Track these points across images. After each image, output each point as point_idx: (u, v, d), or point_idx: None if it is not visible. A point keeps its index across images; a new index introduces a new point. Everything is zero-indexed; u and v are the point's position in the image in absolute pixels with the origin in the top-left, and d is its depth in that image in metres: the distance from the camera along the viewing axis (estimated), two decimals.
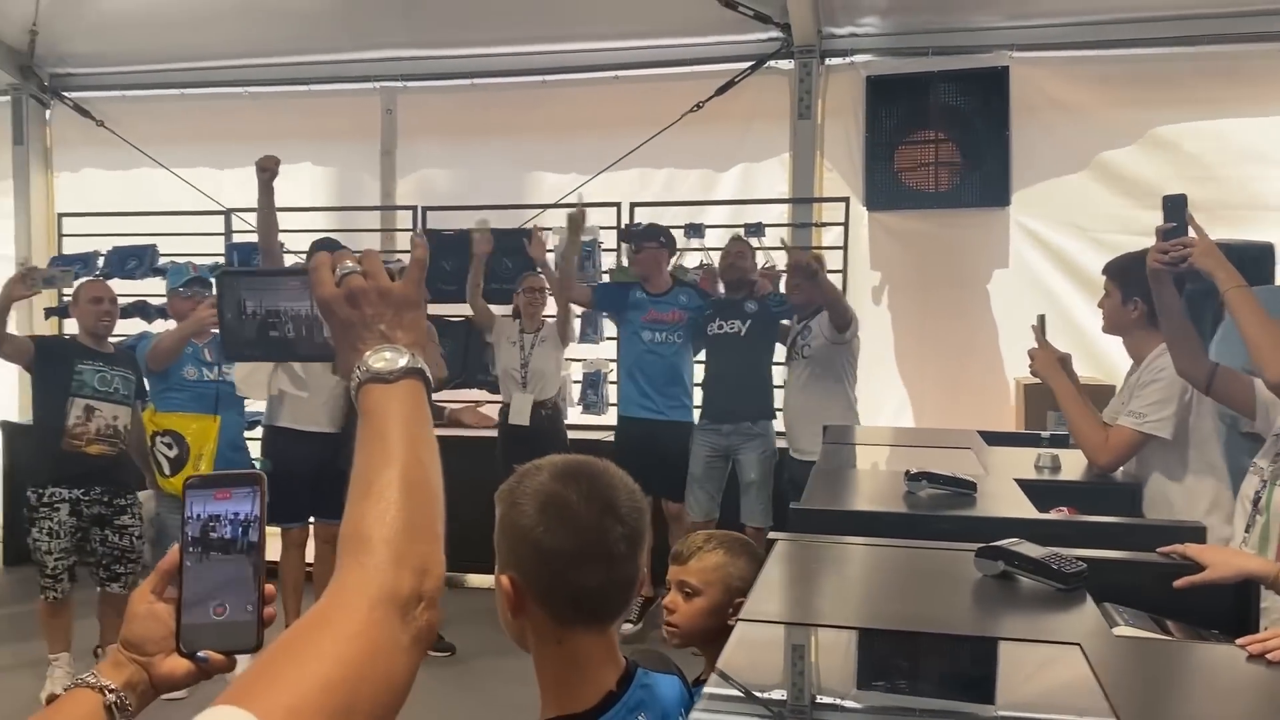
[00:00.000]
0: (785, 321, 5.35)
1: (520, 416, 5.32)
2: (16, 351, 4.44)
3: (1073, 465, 3.01)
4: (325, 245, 5.18)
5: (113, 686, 0.96)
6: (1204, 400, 2.90)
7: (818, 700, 1.48)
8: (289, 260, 6.22)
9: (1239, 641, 1.47)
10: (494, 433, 5.60)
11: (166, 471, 4.53)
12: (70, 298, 4.80)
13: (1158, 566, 1.91)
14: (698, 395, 5.46)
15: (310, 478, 4.69)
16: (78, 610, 4.50)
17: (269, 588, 1.00)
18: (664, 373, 5.33)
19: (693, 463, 5.26)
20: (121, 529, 4.47)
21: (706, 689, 1.30)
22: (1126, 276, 3.00)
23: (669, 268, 5.64)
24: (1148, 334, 2.94)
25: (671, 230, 6.13)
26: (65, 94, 7.19)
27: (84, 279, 5.02)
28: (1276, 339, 2.30)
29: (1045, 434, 3.76)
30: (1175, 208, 2.49)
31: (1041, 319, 3.22)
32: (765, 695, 1.43)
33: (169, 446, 4.53)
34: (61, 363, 4.39)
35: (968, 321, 5.90)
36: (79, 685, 0.96)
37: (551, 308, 5.57)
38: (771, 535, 2.06)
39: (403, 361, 0.94)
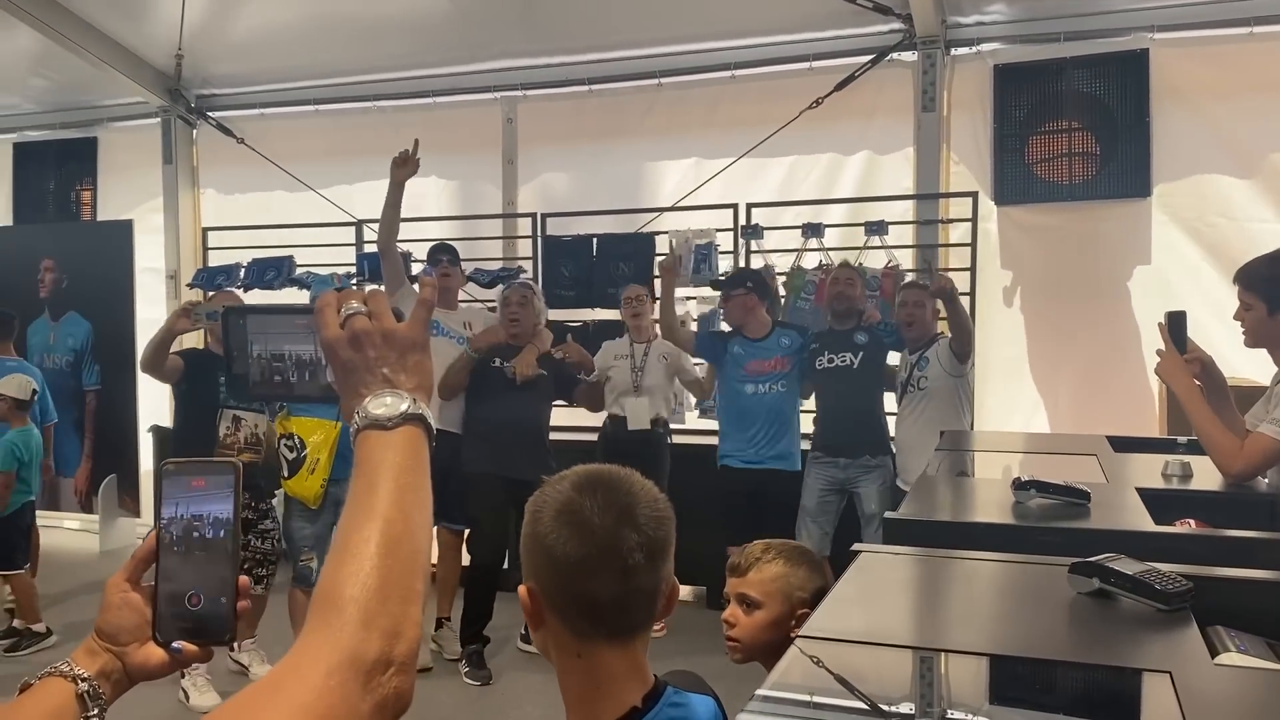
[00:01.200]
0: (891, 359, 5.14)
1: (639, 421, 5.26)
2: (172, 371, 4.55)
3: (1206, 473, 2.77)
4: (446, 250, 5.28)
5: (85, 675, 0.95)
6: None
7: (949, 715, 1.41)
8: (415, 268, 6.38)
9: None
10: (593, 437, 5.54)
11: (285, 473, 4.65)
12: None
13: None
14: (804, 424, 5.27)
15: (438, 479, 4.78)
16: None
17: (242, 580, 0.98)
18: (768, 424, 5.05)
19: (806, 496, 5.04)
20: (264, 533, 4.66)
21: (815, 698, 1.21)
22: (1273, 287, 2.77)
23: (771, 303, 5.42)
24: None
25: (791, 229, 6.04)
26: (209, 114, 7.55)
27: (215, 292, 5.22)
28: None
29: (1182, 440, 3.51)
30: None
31: (1171, 317, 2.97)
32: (892, 708, 1.36)
33: (290, 449, 4.65)
34: (209, 375, 4.49)
35: (1106, 321, 5.57)
36: (51, 674, 0.95)
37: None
38: (855, 547, 1.96)
39: (404, 407, 0.91)
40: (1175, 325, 2.88)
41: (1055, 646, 1.47)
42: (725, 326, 5.49)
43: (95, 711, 0.95)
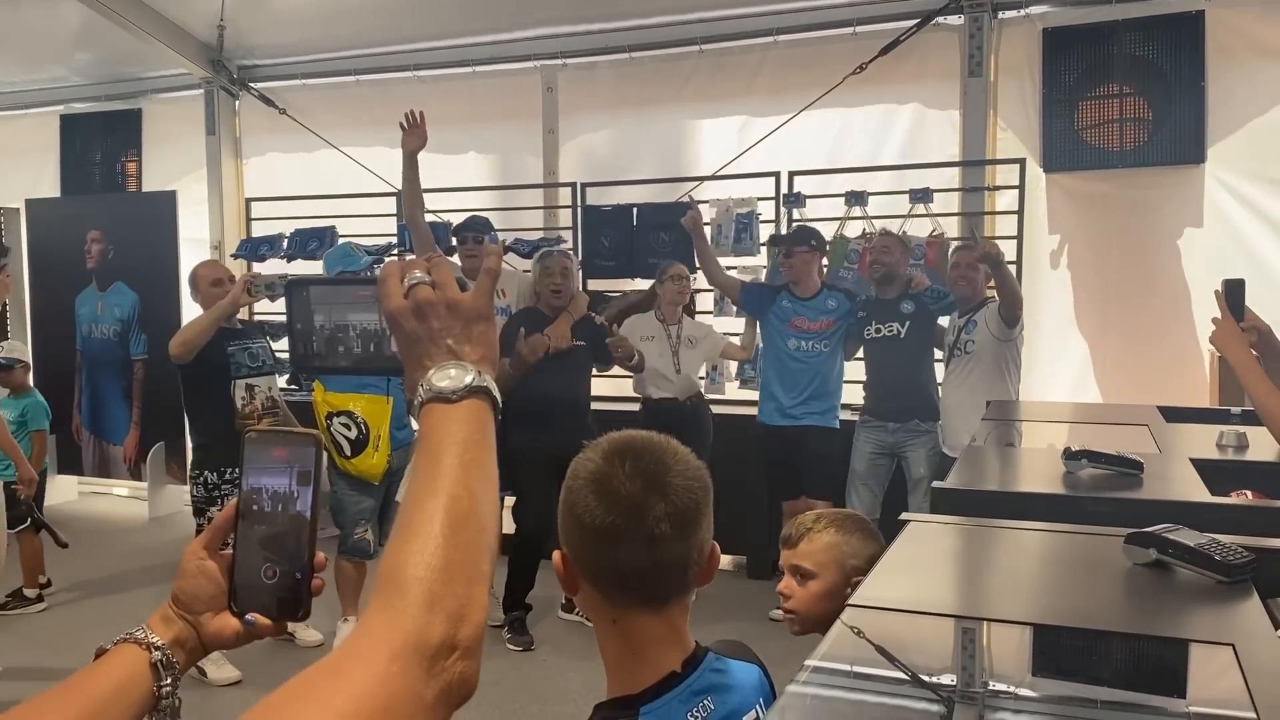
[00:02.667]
0: (942, 320, 5.09)
1: (687, 391, 5.29)
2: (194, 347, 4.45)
3: (1263, 444, 2.71)
4: (469, 227, 5.25)
5: (159, 643, 0.95)
6: None
7: (991, 687, 1.41)
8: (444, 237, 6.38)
9: None
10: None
11: (347, 453, 4.63)
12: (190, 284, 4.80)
13: None
14: (846, 394, 5.26)
15: None
16: None
17: (319, 557, 0.97)
18: (809, 382, 5.09)
19: (856, 459, 5.08)
20: None
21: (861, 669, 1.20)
22: None
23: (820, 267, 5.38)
24: None
25: (834, 197, 5.98)
26: (251, 85, 7.58)
27: (201, 262, 5.07)
28: None
29: (1236, 410, 3.44)
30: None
31: (1228, 285, 2.88)
32: (933, 679, 1.37)
33: (347, 427, 4.62)
34: (216, 345, 4.44)
35: (1157, 289, 5.47)
36: (125, 640, 0.95)
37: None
38: (904, 516, 1.93)
39: (468, 379, 0.88)
40: (1233, 293, 2.80)
41: (1111, 617, 1.44)
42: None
43: (168, 680, 0.94)
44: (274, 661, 4.42)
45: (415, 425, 0.90)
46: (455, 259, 5.52)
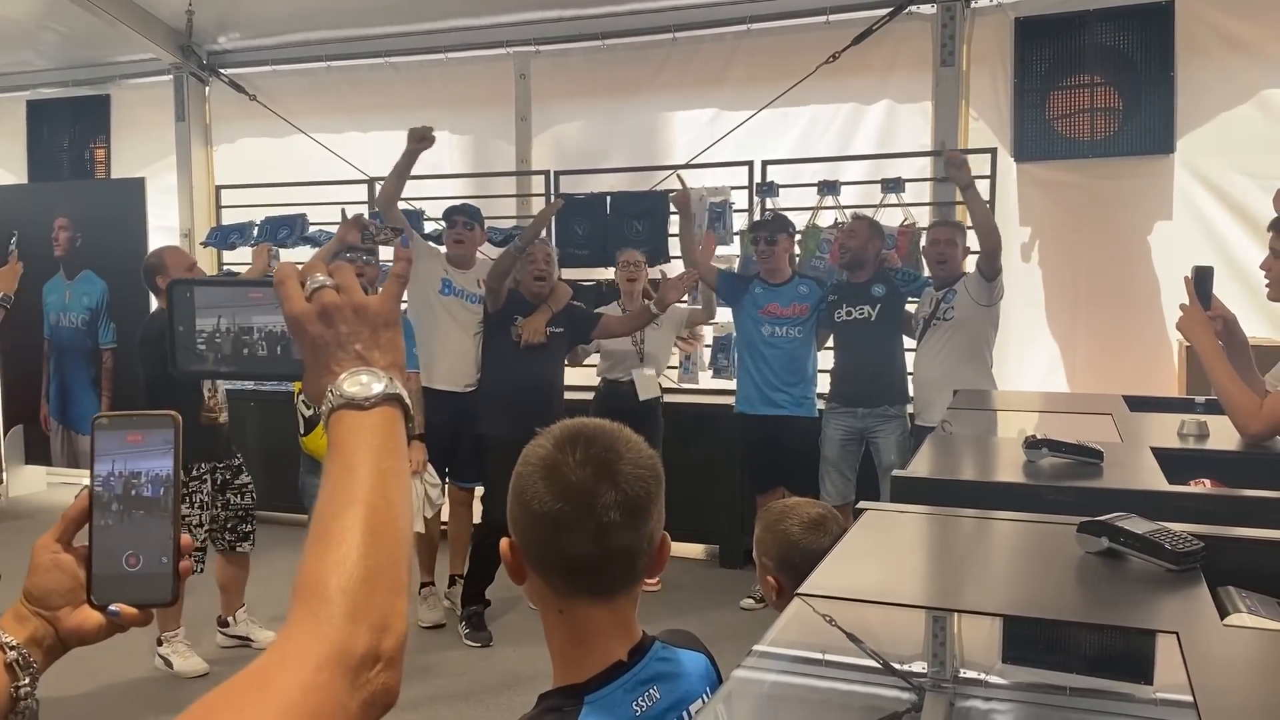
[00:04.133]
0: (911, 303, 5.10)
1: (649, 391, 5.25)
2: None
3: (1223, 433, 2.73)
4: (462, 211, 5.20)
5: (13, 643, 0.92)
6: None
7: (961, 674, 1.41)
8: (429, 226, 6.34)
9: None
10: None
11: (302, 430, 4.61)
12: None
13: None
14: (820, 384, 5.26)
15: (447, 438, 4.81)
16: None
17: (185, 539, 0.95)
18: (783, 367, 5.10)
19: (826, 446, 5.08)
20: (241, 489, 4.60)
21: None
22: None
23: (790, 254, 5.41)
24: None
25: (807, 187, 5.98)
26: (221, 70, 7.50)
27: (163, 247, 4.96)
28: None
29: (1200, 399, 3.46)
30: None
31: (1198, 272, 2.88)
32: (904, 667, 1.37)
33: (306, 405, 4.59)
34: None
35: (1126, 279, 5.50)
36: None
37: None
38: (861, 505, 1.93)
39: (379, 386, 0.86)
40: (1201, 281, 2.79)
41: (1061, 606, 1.45)
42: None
43: (26, 681, 0.91)
44: (237, 664, 4.38)
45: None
46: (431, 245, 5.49)
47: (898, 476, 2.23)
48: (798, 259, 5.69)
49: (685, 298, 5.72)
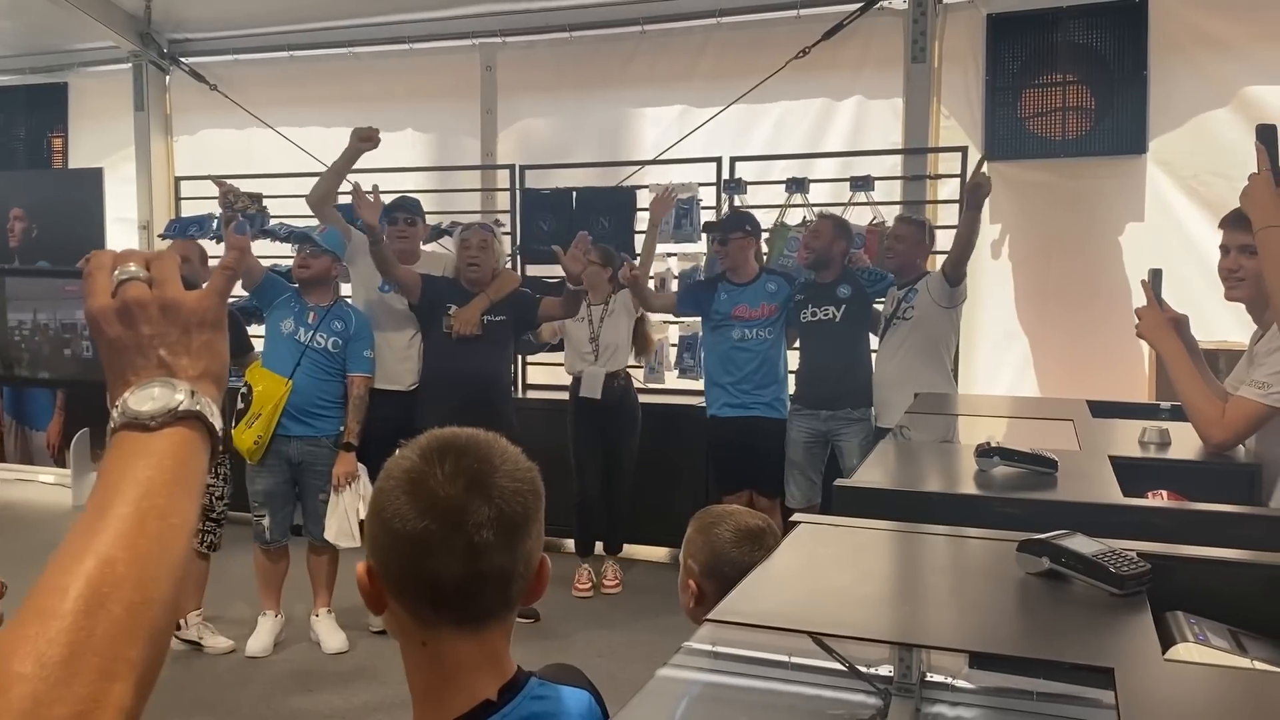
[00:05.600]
0: (879, 303, 5.00)
1: (593, 390, 5.14)
2: None
3: (1185, 441, 2.63)
4: (402, 207, 5.05)
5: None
6: None
7: (928, 679, 1.36)
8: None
9: None
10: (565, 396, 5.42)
11: (232, 423, 4.51)
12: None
13: (1258, 568, 1.58)
14: (790, 383, 5.16)
15: (390, 439, 4.64)
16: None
17: None
18: (756, 370, 4.98)
19: (790, 449, 4.96)
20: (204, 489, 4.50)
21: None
22: None
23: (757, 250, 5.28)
24: None
25: (775, 184, 5.86)
26: (182, 59, 7.33)
27: (173, 239, 5.06)
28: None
29: (1166, 405, 3.37)
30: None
31: (1154, 274, 2.80)
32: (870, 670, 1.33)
33: (242, 399, 4.51)
34: None
35: (1097, 280, 5.41)
36: None
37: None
38: (796, 517, 1.81)
39: (175, 401, 0.71)
40: (1156, 283, 2.73)
41: (989, 636, 1.33)
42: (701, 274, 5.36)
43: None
44: (188, 672, 4.26)
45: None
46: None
47: (840, 486, 2.13)
48: (765, 257, 5.58)
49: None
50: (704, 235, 5.89)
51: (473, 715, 1.04)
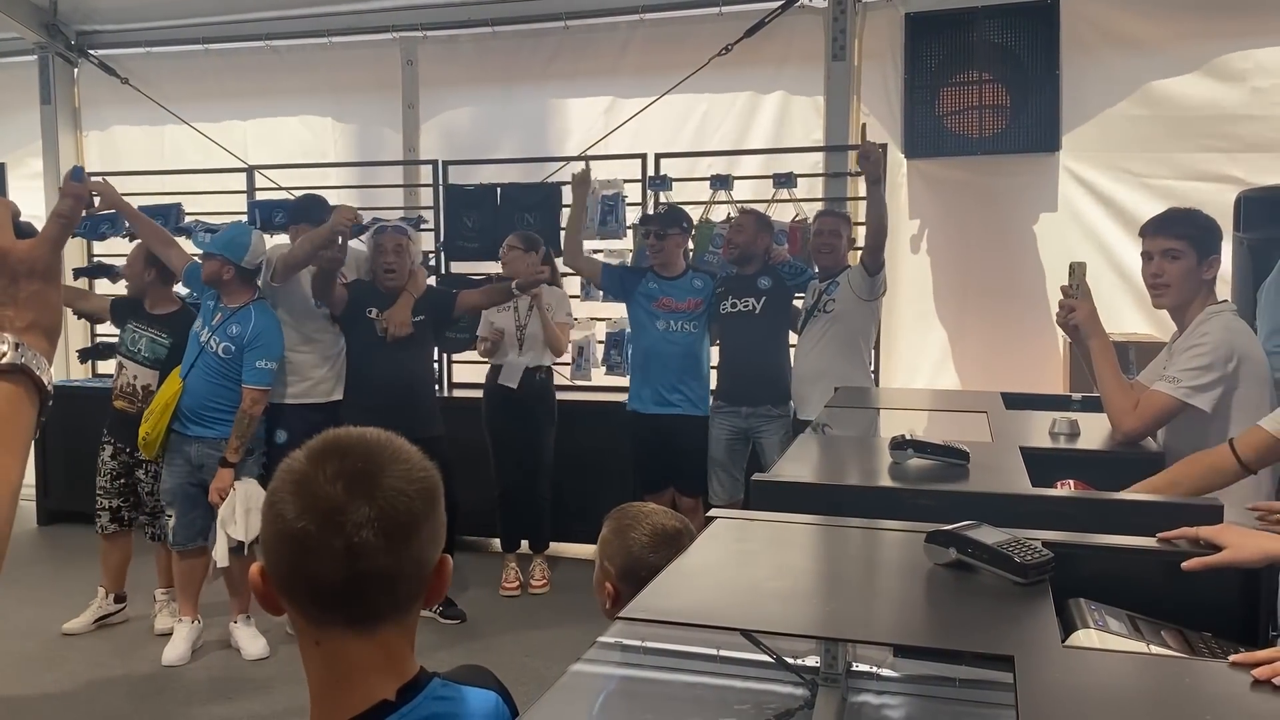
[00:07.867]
0: (798, 298, 5.04)
1: (511, 379, 5.11)
2: (99, 310, 4.81)
3: (1094, 433, 2.70)
4: (318, 208, 4.91)
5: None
6: (1252, 371, 2.58)
7: (854, 668, 1.40)
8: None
9: (1234, 659, 1.18)
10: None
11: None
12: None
13: (1155, 555, 1.62)
14: (713, 380, 5.17)
15: None
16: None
17: None
18: (679, 365, 4.97)
19: (713, 446, 4.97)
20: (135, 482, 4.62)
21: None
22: (1207, 235, 2.71)
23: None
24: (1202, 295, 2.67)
25: (700, 181, 5.88)
26: (91, 52, 7.11)
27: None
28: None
29: (1077, 396, 3.46)
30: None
31: (1079, 266, 2.83)
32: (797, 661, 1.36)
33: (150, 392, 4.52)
34: (120, 322, 4.68)
35: (1013, 276, 5.52)
36: None
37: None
38: (712, 513, 1.82)
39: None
40: (1081, 275, 2.75)
41: (896, 627, 1.35)
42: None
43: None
44: (104, 683, 4.15)
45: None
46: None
47: (758, 480, 2.14)
48: (690, 254, 5.60)
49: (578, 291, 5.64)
50: (630, 232, 5.89)
51: (369, 715, 1.02)
